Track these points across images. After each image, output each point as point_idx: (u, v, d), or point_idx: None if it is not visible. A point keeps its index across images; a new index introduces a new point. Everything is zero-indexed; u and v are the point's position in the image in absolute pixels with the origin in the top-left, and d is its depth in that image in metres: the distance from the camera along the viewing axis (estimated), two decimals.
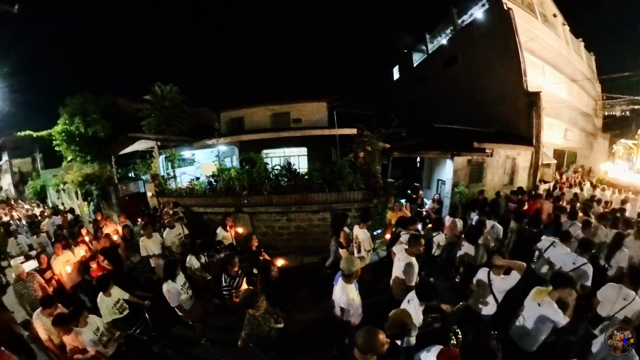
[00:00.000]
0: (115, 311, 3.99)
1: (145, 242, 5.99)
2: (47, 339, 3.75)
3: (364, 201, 7.33)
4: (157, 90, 10.96)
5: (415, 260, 3.88)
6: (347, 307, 3.34)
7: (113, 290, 4.08)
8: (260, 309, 3.11)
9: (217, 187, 9.04)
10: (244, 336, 3.16)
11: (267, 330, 3.20)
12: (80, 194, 14.64)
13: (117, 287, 4.22)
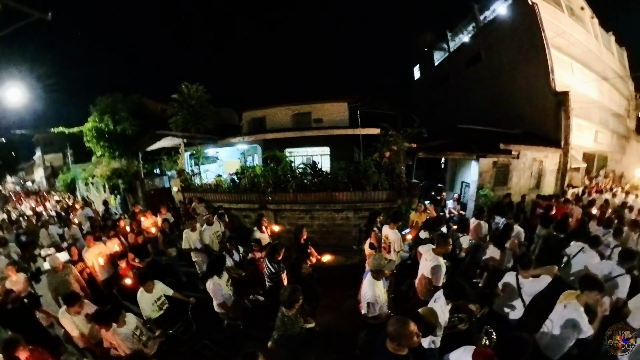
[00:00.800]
0: (155, 308, 3.86)
1: (189, 235, 5.85)
2: (78, 335, 3.63)
3: (388, 201, 7.33)
4: (184, 90, 11.30)
5: (442, 260, 3.87)
6: (373, 303, 3.37)
7: (155, 286, 3.94)
8: (296, 308, 3.11)
9: (241, 184, 9.27)
10: (276, 337, 3.13)
11: (298, 331, 3.18)
12: (107, 187, 15.34)
13: (161, 283, 4.08)
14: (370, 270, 3.51)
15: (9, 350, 2.83)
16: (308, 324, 3.39)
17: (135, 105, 15.11)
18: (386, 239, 5.08)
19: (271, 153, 9.79)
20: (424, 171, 10.57)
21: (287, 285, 3.57)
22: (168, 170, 13.87)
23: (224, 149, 13.70)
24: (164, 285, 4.11)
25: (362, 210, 7.43)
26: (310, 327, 3.46)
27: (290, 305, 3.06)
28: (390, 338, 2.22)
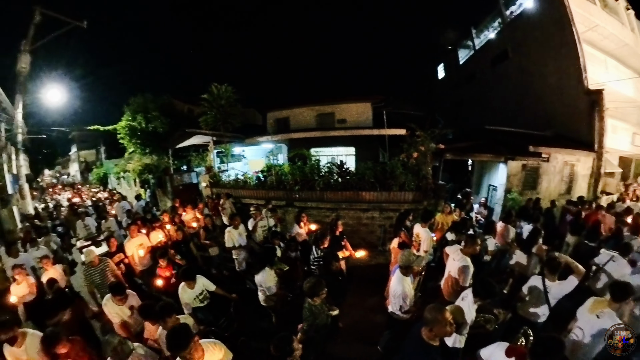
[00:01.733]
0: (197, 302, 3.90)
1: (232, 233, 5.77)
2: (120, 323, 3.68)
3: (414, 202, 7.34)
4: (213, 90, 11.71)
5: (470, 261, 3.87)
6: (401, 298, 3.46)
7: (197, 282, 3.93)
8: (321, 298, 3.20)
9: (268, 181, 9.56)
10: (305, 328, 3.20)
11: (325, 319, 3.28)
12: (138, 181, 16.18)
13: (204, 278, 4.06)
14: (399, 267, 3.60)
15: (49, 345, 2.85)
16: (332, 311, 3.47)
17: (165, 105, 15.86)
18: (417, 237, 5.14)
19: (298, 152, 10.01)
20: (450, 173, 10.42)
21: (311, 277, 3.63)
22: (196, 166, 14.49)
23: (249, 148, 14.10)
24: (206, 280, 4.08)
25: (387, 211, 7.51)
26: (335, 318, 3.54)
27: (313, 296, 3.16)
28: (426, 323, 2.35)
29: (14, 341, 3.08)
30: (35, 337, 3.15)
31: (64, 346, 2.84)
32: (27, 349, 3.11)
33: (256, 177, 10.31)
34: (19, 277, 4.61)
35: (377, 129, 11.21)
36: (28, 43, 10.40)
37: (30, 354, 3.09)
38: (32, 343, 3.13)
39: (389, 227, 7.40)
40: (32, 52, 10.69)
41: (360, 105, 13.69)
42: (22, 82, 10.76)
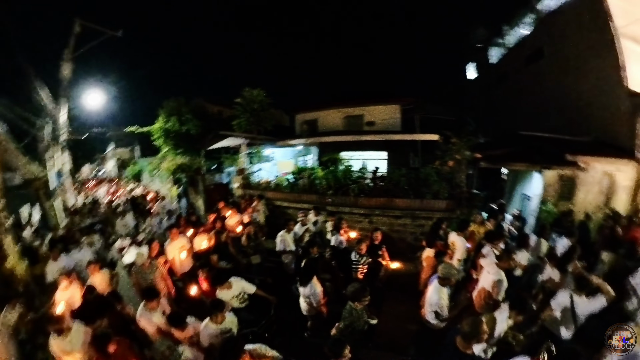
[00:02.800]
0: (236, 302, 4.01)
1: (286, 237, 5.84)
2: (155, 332, 3.69)
3: (446, 211, 7.35)
4: (246, 94, 12.12)
5: (504, 274, 3.90)
6: (437, 309, 3.53)
7: (234, 284, 4.04)
8: (363, 303, 3.30)
9: (300, 185, 9.77)
10: (341, 326, 3.32)
11: (362, 325, 3.35)
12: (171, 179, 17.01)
13: (242, 281, 4.16)
14: (437, 277, 3.67)
15: (100, 344, 3.03)
16: (372, 320, 3.56)
17: (197, 107, 16.54)
18: (452, 245, 5.18)
19: (331, 156, 10.22)
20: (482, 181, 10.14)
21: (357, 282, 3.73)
22: (227, 167, 15.06)
23: (278, 149, 14.46)
24: (246, 283, 4.18)
25: (419, 218, 7.58)
26: (372, 327, 3.62)
27: (355, 300, 3.28)
28: (464, 336, 2.51)
29: (61, 332, 3.35)
30: (79, 331, 3.46)
31: (112, 345, 3.04)
32: (71, 340, 3.37)
33: (287, 179, 10.60)
34: (65, 282, 4.50)
35: (408, 134, 11.16)
36: (70, 52, 11.45)
37: (74, 346, 3.35)
38: (77, 335, 3.42)
39: (420, 235, 7.44)
40: (73, 60, 11.68)
41: (389, 107, 13.70)
42: (65, 88, 11.81)
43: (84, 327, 3.52)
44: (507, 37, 16.02)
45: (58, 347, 3.34)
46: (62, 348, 3.33)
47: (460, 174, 7.43)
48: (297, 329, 4.61)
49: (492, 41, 17.43)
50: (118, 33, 11.67)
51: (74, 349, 3.34)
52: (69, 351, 3.34)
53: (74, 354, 3.34)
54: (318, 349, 3.62)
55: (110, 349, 3.01)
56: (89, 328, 3.57)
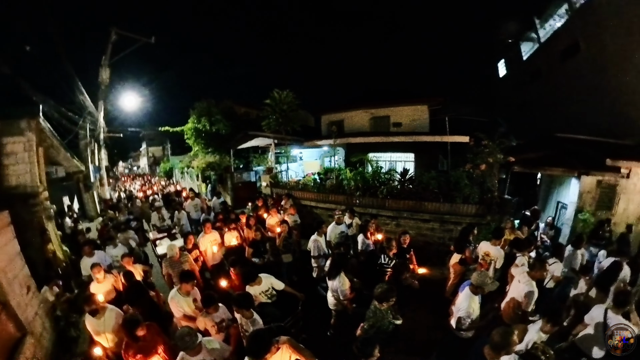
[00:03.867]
0: (264, 297, 4.10)
1: (320, 241, 5.75)
2: (181, 318, 3.90)
3: (476, 216, 7.09)
4: (275, 96, 12.44)
5: (535, 285, 3.77)
6: (464, 316, 3.47)
7: (263, 281, 4.15)
8: (389, 304, 3.29)
9: (327, 185, 9.88)
10: (366, 327, 3.35)
11: (387, 325, 3.36)
12: (201, 177, 17.77)
13: (272, 278, 4.27)
14: (470, 284, 3.60)
15: (130, 327, 3.15)
16: (397, 320, 3.50)
17: (226, 108, 17.13)
18: (486, 256, 5.01)
19: (360, 157, 10.32)
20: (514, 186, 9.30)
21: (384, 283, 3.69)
22: (255, 166, 15.55)
23: (305, 150, 14.73)
24: (275, 279, 4.28)
25: (448, 223, 7.45)
26: (397, 328, 3.55)
27: (382, 301, 3.29)
28: (493, 346, 2.52)
29: (95, 313, 3.62)
30: (113, 312, 3.73)
31: (142, 329, 3.18)
32: (105, 321, 3.63)
33: (314, 179, 10.75)
34: (99, 275, 4.59)
35: (437, 135, 10.91)
36: (107, 58, 12.49)
37: (107, 326, 3.61)
38: (110, 317, 3.68)
39: (448, 240, 7.32)
40: (110, 66, 12.73)
41: (417, 108, 13.49)
42: (103, 91, 12.94)
43: (117, 311, 3.81)
44: (539, 30, 15.08)
45: (92, 326, 3.66)
46: (95, 328, 3.64)
47: (492, 178, 7.21)
48: (321, 328, 4.76)
49: (523, 36, 16.49)
50: (151, 40, 12.65)
51: (106, 330, 3.62)
52: (101, 331, 3.63)
53: (105, 334, 3.62)
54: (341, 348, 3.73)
55: (140, 332, 3.17)
56: (121, 311, 3.87)
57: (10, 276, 3.94)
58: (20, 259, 4.45)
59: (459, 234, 6.22)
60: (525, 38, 16.53)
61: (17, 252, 4.45)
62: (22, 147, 5.63)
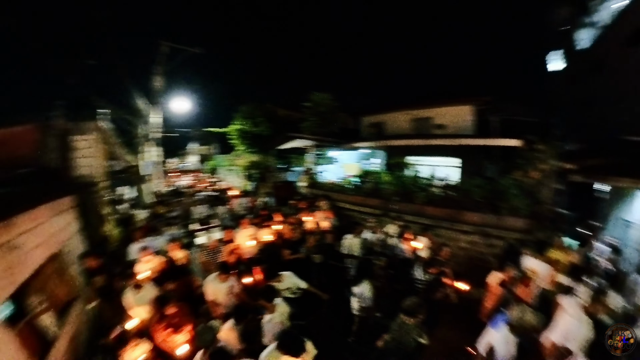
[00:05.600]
0: (287, 292, 4.28)
1: (353, 242, 5.86)
2: (213, 301, 4.22)
3: (523, 232, 6.36)
4: (314, 98, 12.62)
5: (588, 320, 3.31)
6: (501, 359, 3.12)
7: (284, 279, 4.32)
8: (416, 320, 3.22)
9: (365, 188, 9.75)
10: (388, 338, 3.30)
11: (410, 341, 3.26)
12: (243, 174, 18.68)
13: (294, 277, 4.43)
14: (507, 321, 3.26)
15: (161, 304, 3.53)
16: (422, 338, 3.35)
17: (268, 111, 17.76)
18: (532, 273, 4.51)
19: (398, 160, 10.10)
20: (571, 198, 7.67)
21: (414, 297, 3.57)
22: (295, 166, 15.98)
23: (343, 152, 14.76)
24: (297, 278, 4.43)
25: (491, 237, 6.81)
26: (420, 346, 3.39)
27: (409, 315, 3.20)
28: None
29: (136, 287, 4.14)
30: (150, 289, 4.22)
31: (172, 308, 3.47)
32: (143, 296, 4.11)
33: (351, 182, 10.70)
34: (145, 257, 5.03)
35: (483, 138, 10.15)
36: (160, 67, 14.03)
37: (144, 301, 4.06)
38: (148, 292, 4.15)
39: (490, 256, 6.71)
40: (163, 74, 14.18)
41: (460, 108, 12.70)
42: (156, 96, 14.39)
43: (155, 287, 4.30)
44: (598, 14, 12.79)
45: (132, 298, 4.12)
46: (134, 300, 4.11)
47: (545, 188, 6.55)
48: (343, 332, 4.70)
49: (577, 21, 13.99)
50: (198, 50, 13.97)
51: (143, 303, 4.07)
52: (139, 304, 4.08)
53: (142, 307, 4.06)
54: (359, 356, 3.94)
55: (169, 310, 3.45)
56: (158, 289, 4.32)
57: (70, 250, 4.88)
58: (78, 236, 5.48)
59: (503, 250, 5.81)
60: (580, 24, 13.99)
61: (77, 231, 5.48)
62: (87, 144, 6.57)
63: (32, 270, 3.62)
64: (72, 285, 4.68)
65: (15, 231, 3.43)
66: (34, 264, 3.68)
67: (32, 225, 3.84)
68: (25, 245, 3.59)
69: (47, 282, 4.06)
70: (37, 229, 3.95)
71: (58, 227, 4.65)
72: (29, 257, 3.62)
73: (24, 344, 3.08)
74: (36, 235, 3.89)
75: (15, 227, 3.45)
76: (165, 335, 3.48)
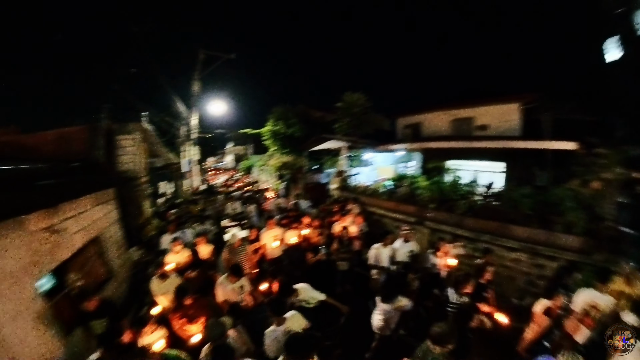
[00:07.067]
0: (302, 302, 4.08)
1: (380, 252, 5.41)
2: (223, 301, 4.23)
3: (579, 253, 5.36)
4: (347, 98, 12.40)
5: None
6: None
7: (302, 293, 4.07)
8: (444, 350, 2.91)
9: (399, 193, 9.30)
10: None
11: None
12: (275, 175, 18.92)
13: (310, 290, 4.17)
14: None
15: (180, 294, 3.72)
16: None
17: (300, 113, 17.93)
18: (593, 309, 3.60)
19: (437, 164, 9.46)
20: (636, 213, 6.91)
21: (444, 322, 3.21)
22: (327, 168, 15.85)
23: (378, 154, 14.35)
24: (314, 291, 4.18)
25: (540, 256, 5.86)
26: None
27: (437, 343, 2.88)
28: None
29: (163, 277, 4.41)
30: (175, 279, 4.46)
31: (189, 299, 3.64)
32: (167, 285, 4.35)
33: (385, 186, 10.28)
34: (176, 248, 5.33)
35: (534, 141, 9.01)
36: (197, 73, 15.07)
37: (168, 290, 4.27)
38: (172, 282, 4.36)
39: (536, 279, 5.85)
40: (200, 79, 15.21)
41: (505, 107, 11.57)
42: (195, 99, 15.47)
43: (179, 278, 4.54)
44: None
45: (157, 287, 4.41)
46: (159, 289, 4.38)
47: (607, 201, 5.54)
48: (361, 347, 4.37)
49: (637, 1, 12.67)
50: (232, 56, 14.86)
51: (167, 292, 4.27)
52: (163, 293, 4.34)
53: (166, 295, 4.29)
54: None
55: (187, 301, 3.59)
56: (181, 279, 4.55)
57: (108, 236, 5.40)
58: (117, 225, 6.00)
59: (553, 273, 5.02)
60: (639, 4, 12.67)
61: (116, 220, 6.01)
62: (130, 143, 7.28)
63: (72, 251, 4.01)
64: (108, 266, 5.18)
65: (59, 217, 3.80)
66: (74, 246, 4.11)
67: (75, 213, 4.26)
68: (68, 229, 4.00)
69: (86, 262, 4.51)
70: (79, 216, 4.36)
71: (99, 215, 5.12)
72: (70, 239, 4.03)
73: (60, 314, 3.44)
74: (78, 221, 4.31)
75: (60, 213, 3.84)
76: (180, 324, 3.65)
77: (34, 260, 3.16)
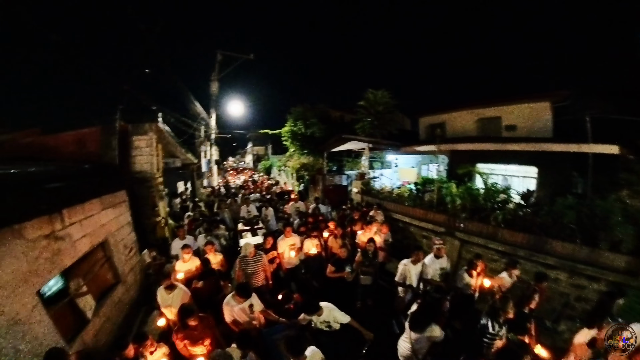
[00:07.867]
0: (321, 325, 3.75)
1: (409, 268, 4.93)
2: (231, 321, 3.90)
3: (626, 274, 4.59)
4: (370, 96, 11.85)
5: None
6: None
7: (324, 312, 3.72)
8: None
9: (426, 199, 8.70)
10: None
11: None
12: (295, 176, 18.64)
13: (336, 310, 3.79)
14: None
15: (184, 315, 3.39)
16: None
17: (320, 113, 17.58)
18: None
19: (467, 168, 8.69)
20: None
21: None
22: (348, 170, 15.38)
23: (400, 156, 13.69)
24: (339, 313, 3.80)
25: (581, 276, 5.08)
26: None
27: None
28: None
29: (168, 288, 4.11)
30: (181, 291, 4.17)
31: (194, 319, 3.37)
32: (174, 297, 4.08)
33: (409, 190, 9.70)
34: (186, 255, 5.13)
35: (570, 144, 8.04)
36: (216, 74, 15.23)
37: (174, 302, 4.03)
38: (178, 294, 4.11)
39: (574, 301, 5.12)
40: (219, 80, 15.38)
41: (535, 105, 10.51)
42: (213, 100, 15.82)
43: (185, 290, 4.25)
44: None
45: (162, 298, 4.15)
46: (165, 301, 4.12)
47: None
48: None
49: None
50: (251, 56, 14.82)
51: (172, 304, 4.04)
52: (169, 305, 4.09)
53: (171, 308, 4.04)
54: None
55: (191, 322, 3.36)
56: (188, 291, 4.29)
57: (118, 239, 5.17)
58: (128, 227, 5.76)
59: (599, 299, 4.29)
60: None
61: (128, 222, 5.75)
62: (145, 143, 7.08)
63: (76, 257, 3.80)
64: (115, 271, 4.97)
65: (61, 223, 3.59)
66: (78, 252, 3.89)
67: (80, 218, 4.04)
68: (72, 235, 3.79)
69: (91, 268, 4.31)
70: (85, 220, 4.15)
71: (107, 219, 4.89)
72: (74, 245, 3.82)
73: (61, 321, 3.29)
74: (84, 226, 4.10)
75: (63, 219, 3.62)
76: (184, 345, 3.44)
77: (32, 270, 2.98)
